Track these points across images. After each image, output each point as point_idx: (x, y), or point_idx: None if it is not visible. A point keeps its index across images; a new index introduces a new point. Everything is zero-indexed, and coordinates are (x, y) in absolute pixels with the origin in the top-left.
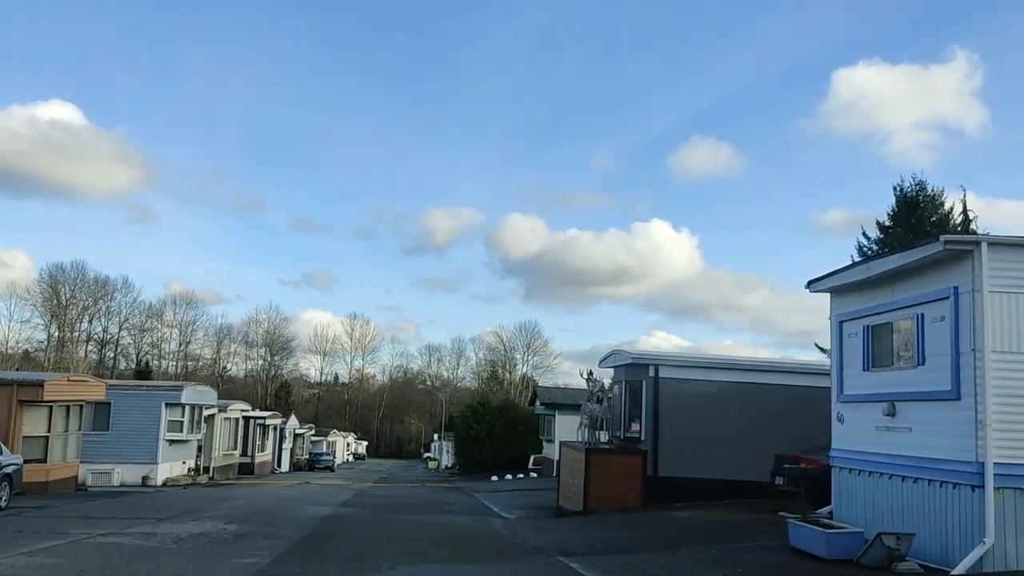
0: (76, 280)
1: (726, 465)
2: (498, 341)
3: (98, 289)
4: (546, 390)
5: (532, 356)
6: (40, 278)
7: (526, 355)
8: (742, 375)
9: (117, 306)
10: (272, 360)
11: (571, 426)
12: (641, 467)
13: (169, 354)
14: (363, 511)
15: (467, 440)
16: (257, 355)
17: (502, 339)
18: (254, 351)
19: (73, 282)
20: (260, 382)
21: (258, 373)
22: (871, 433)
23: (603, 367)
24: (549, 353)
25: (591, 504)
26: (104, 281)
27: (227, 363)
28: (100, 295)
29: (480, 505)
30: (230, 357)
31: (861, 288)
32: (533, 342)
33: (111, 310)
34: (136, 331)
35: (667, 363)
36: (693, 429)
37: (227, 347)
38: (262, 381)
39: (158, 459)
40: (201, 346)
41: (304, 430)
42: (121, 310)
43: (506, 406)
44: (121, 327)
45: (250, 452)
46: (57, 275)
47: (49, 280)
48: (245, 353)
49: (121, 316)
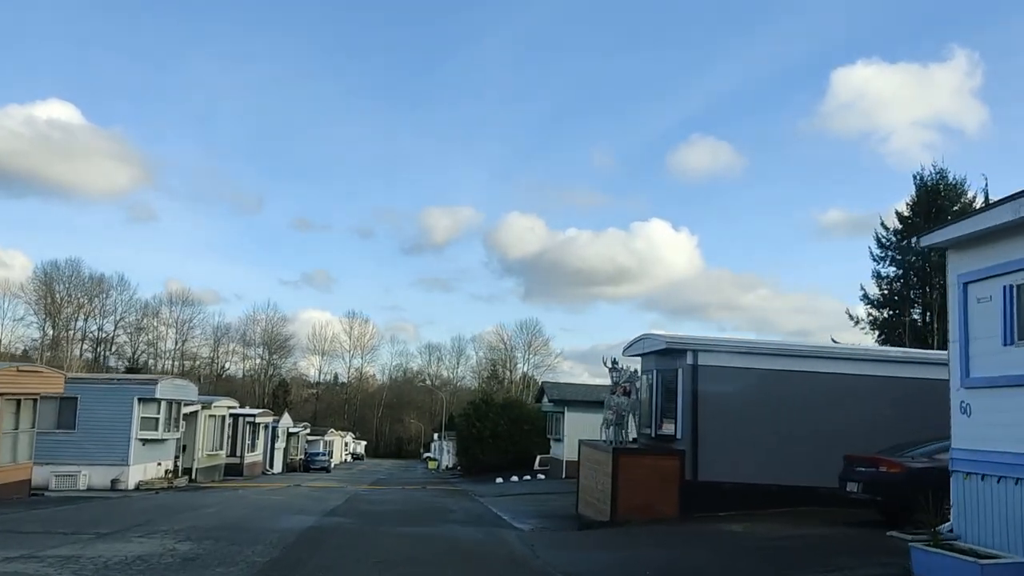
0: (71, 278)
1: (778, 468)
2: (499, 340)
3: (93, 287)
4: (554, 386)
5: (533, 355)
6: (35, 275)
7: (527, 354)
8: (795, 363)
9: (112, 304)
10: (271, 359)
11: (582, 424)
12: (678, 470)
13: (165, 353)
14: (352, 521)
15: (469, 439)
16: (255, 354)
17: (502, 338)
18: (252, 350)
19: (68, 280)
20: (258, 381)
21: (256, 372)
22: (1018, 428)
23: (628, 355)
24: (550, 352)
25: (620, 513)
26: (99, 279)
27: (225, 362)
28: (95, 293)
29: (488, 513)
30: (228, 356)
31: (1000, 237)
32: (534, 341)
33: (106, 308)
34: (132, 330)
35: (708, 348)
36: (738, 426)
37: (225, 346)
38: (260, 380)
39: (129, 460)
40: (199, 345)
41: (299, 429)
42: (116, 308)
43: (511, 403)
44: (116, 325)
45: (239, 452)
46: (52, 273)
47: (44, 278)
48: (243, 352)
49: (116, 314)
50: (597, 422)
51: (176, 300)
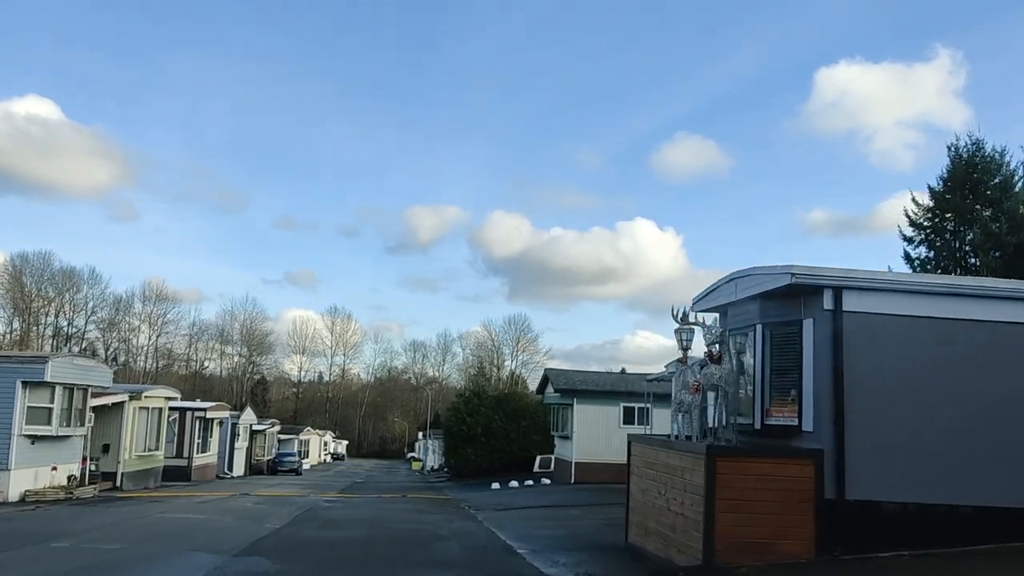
0: (42, 271)
1: (981, 480)
2: (486, 336)
3: (64, 281)
4: (561, 373)
5: (521, 352)
6: (3, 268)
7: (515, 351)
8: (1011, 310)
9: (83, 299)
10: (251, 357)
11: (595, 419)
12: (813, 483)
13: (138, 348)
14: (274, 570)
15: (458, 437)
16: (234, 351)
17: (490, 334)
18: (231, 347)
19: (39, 273)
20: (237, 379)
21: (235, 370)
22: None
23: (703, 309)
24: (538, 350)
25: (719, 552)
26: (70, 272)
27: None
28: (66, 287)
29: (493, 542)
30: (208, 353)
31: None
32: (522, 337)
33: (77, 303)
34: (105, 325)
35: (860, 285)
36: (913, 411)
37: (205, 343)
38: (239, 378)
39: (9, 463)
40: (173, 340)
41: (265, 426)
42: (87, 303)
43: (507, 396)
44: (88, 321)
45: (186, 453)
46: (21, 265)
47: (12, 271)
48: (220, 349)
49: (88, 309)
50: (613, 416)
51: (150, 295)
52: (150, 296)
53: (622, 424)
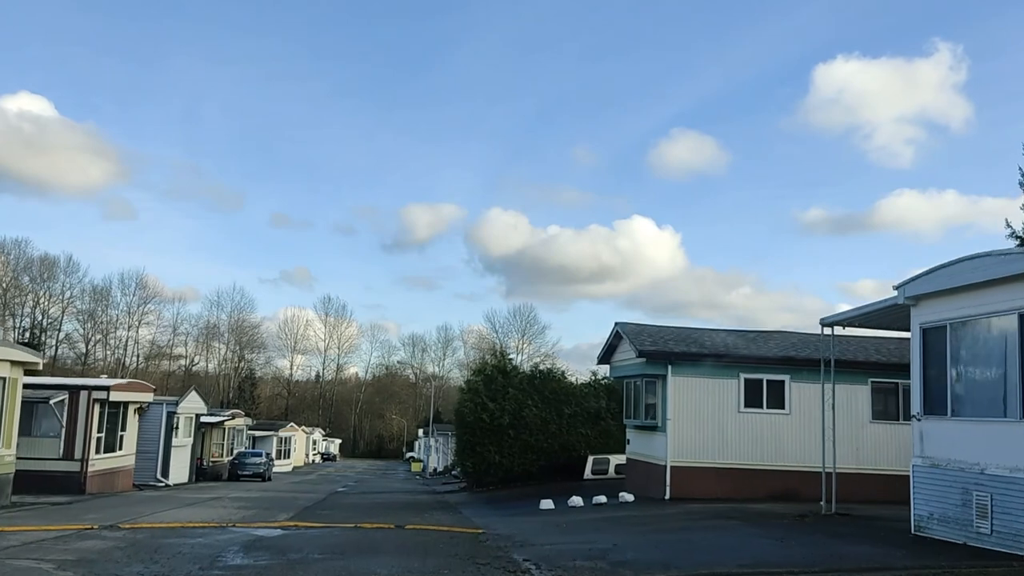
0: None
1: None
2: (489, 329)
3: (43, 269)
4: (641, 330)
5: (527, 345)
6: None
7: (521, 342)
8: None
9: (59, 288)
10: (241, 353)
11: (700, 399)
12: None
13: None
14: None
15: (477, 431)
16: (222, 344)
17: (494, 325)
18: (218, 341)
19: (15, 261)
20: (227, 375)
21: (225, 366)
22: None
23: None
24: (546, 341)
25: None
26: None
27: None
28: (45, 276)
29: None
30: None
31: None
32: (528, 329)
33: (52, 292)
34: (84, 317)
35: None
36: None
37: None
38: (228, 374)
39: None
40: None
41: (224, 418)
42: (64, 293)
43: (545, 375)
44: (64, 311)
45: (78, 453)
46: None
47: None
48: (207, 343)
49: (64, 299)
50: (730, 394)
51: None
52: (128, 282)
53: (743, 407)
